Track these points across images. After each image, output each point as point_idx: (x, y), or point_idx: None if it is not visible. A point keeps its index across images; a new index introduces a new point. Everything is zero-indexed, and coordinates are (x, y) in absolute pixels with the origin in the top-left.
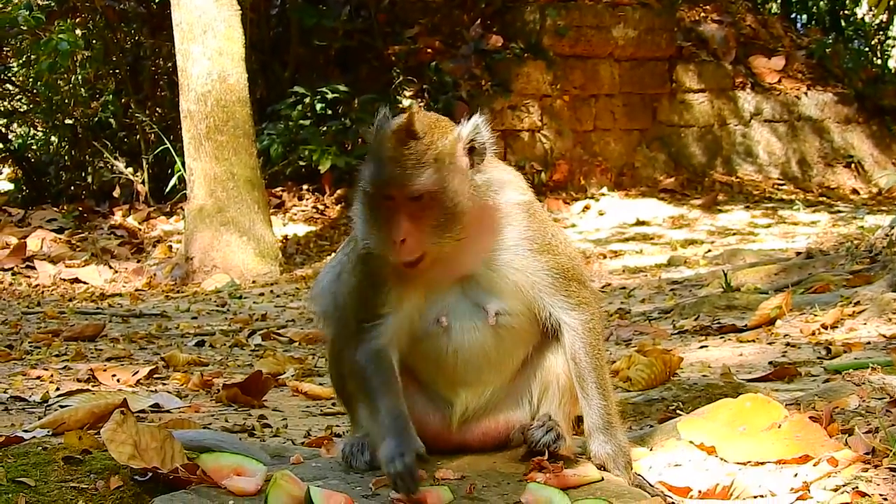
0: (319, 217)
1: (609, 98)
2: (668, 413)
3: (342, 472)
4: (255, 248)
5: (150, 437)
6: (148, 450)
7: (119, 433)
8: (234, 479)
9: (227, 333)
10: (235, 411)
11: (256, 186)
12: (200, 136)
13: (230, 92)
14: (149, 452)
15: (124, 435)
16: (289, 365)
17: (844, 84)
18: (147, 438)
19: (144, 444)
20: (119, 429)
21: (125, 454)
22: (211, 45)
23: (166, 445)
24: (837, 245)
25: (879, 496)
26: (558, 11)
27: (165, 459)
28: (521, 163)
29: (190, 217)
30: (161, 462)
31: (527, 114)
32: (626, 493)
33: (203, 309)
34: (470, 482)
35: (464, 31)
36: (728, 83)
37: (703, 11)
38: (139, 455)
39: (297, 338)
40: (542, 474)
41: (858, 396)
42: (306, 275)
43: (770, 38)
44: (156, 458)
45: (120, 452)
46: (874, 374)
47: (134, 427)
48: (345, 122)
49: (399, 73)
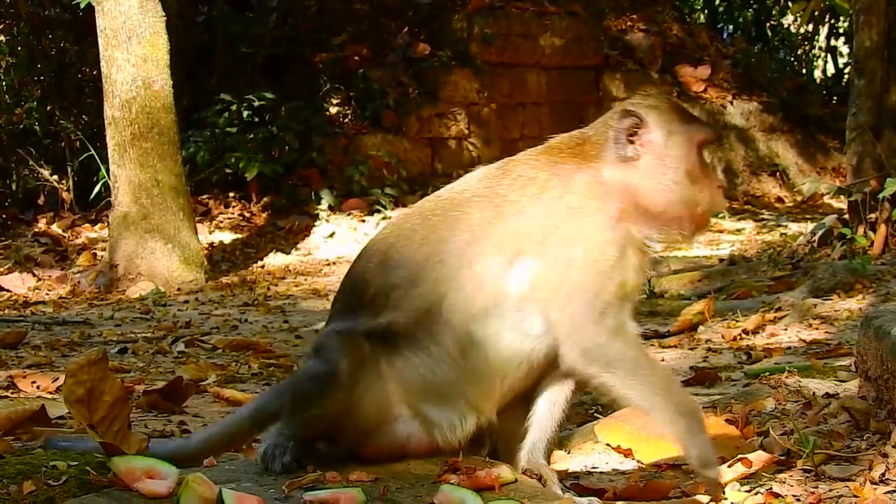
0: (246, 224)
1: (536, 106)
2: (587, 417)
3: (256, 474)
4: (181, 255)
5: (106, 391)
6: (96, 401)
7: (83, 373)
8: (146, 482)
9: (151, 340)
10: (155, 417)
11: (181, 193)
12: (125, 142)
13: (155, 98)
14: (95, 405)
15: (86, 377)
16: (211, 371)
17: (769, 93)
18: (103, 389)
19: (98, 393)
20: (85, 368)
21: (75, 394)
22: (135, 51)
23: (114, 409)
24: (760, 252)
25: (792, 497)
26: (486, 20)
27: (105, 420)
28: (447, 171)
29: (114, 224)
30: (96, 421)
31: (454, 122)
32: (539, 494)
33: (127, 316)
34: (384, 484)
35: (391, 39)
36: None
37: (630, 21)
38: (85, 402)
39: (220, 345)
40: (456, 475)
41: (775, 399)
42: (232, 282)
43: (696, 47)
44: (97, 415)
45: (71, 391)
46: (790, 377)
47: (99, 373)
48: (271, 129)
49: (326, 81)
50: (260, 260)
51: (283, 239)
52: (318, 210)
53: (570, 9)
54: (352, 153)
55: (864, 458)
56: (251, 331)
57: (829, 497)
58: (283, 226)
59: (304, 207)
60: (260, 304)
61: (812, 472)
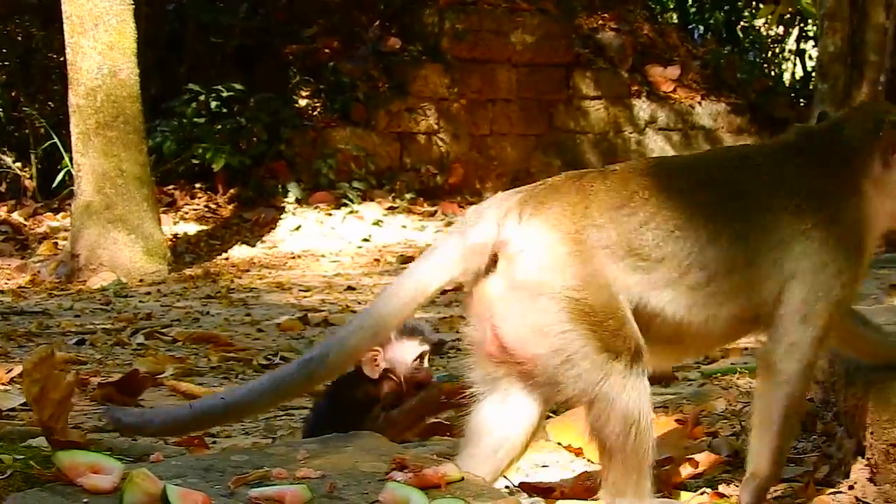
0: (211, 216)
1: (506, 103)
2: None
3: (202, 470)
4: (143, 246)
5: (55, 388)
6: (45, 398)
7: (38, 370)
8: (90, 477)
9: (110, 332)
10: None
11: (146, 184)
12: (89, 131)
13: (121, 87)
14: (44, 403)
15: (39, 375)
16: (169, 364)
17: (738, 95)
18: (52, 386)
19: (47, 390)
20: (39, 365)
21: (32, 393)
22: (102, 39)
23: (61, 406)
24: None
25: (738, 497)
26: (457, 15)
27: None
28: (417, 165)
29: (77, 214)
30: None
31: (424, 117)
32: (485, 493)
33: (87, 307)
34: (330, 481)
35: (362, 33)
36: (624, 91)
37: (602, 19)
38: (41, 399)
39: (180, 337)
40: (403, 473)
41: (725, 400)
42: (195, 274)
43: (667, 47)
44: (46, 412)
45: (28, 390)
46: (742, 378)
47: (50, 369)
48: (240, 120)
49: (296, 73)
50: (224, 252)
51: (248, 231)
52: (285, 203)
53: (541, 6)
54: (320, 146)
55: (809, 460)
56: (213, 323)
57: (773, 497)
58: (249, 218)
59: (270, 200)
60: (223, 297)
61: None
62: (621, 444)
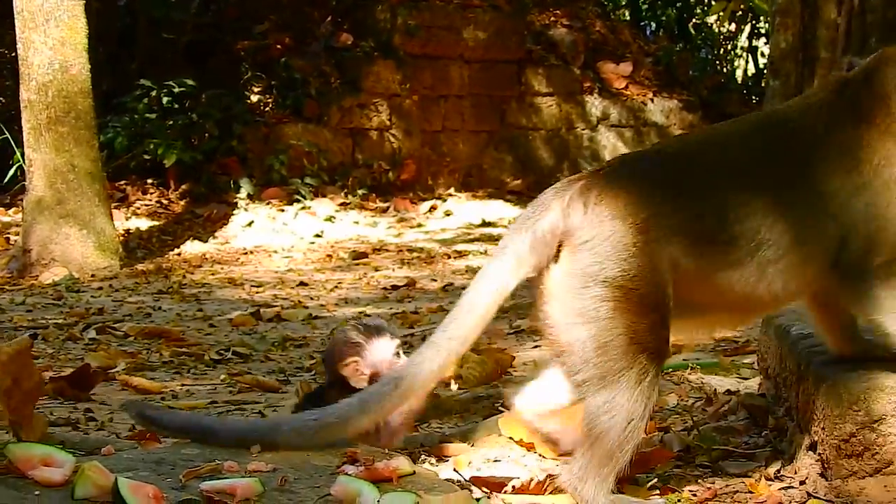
0: (163, 212)
1: (458, 99)
2: (493, 410)
3: (153, 463)
4: (95, 241)
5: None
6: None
7: (14, 361)
8: (42, 470)
9: (62, 327)
10: (61, 405)
11: (98, 179)
12: (41, 126)
13: (72, 83)
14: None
15: (14, 366)
16: (120, 359)
17: (690, 91)
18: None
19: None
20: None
21: (3, 384)
22: (53, 34)
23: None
24: None
25: (689, 492)
26: (409, 11)
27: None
28: (369, 162)
29: (28, 209)
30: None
31: (376, 113)
32: (437, 487)
33: (39, 302)
34: (282, 474)
35: (314, 28)
36: (576, 87)
37: (554, 16)
38: (12, 390)
39: (132, 332)
40: (354, 467)
41: (677, 395)
42: (147, 269)
43: (619, 44)
44: (13, 402)
45: (0, 381)
46: (693, 374)
47: (26, 360)
48: (191, 116)
49: (248, 69)
50: (176, 247)
51: (200, 227)
52: (237, 199)
53: (493, 2)
54: (272, 142)
55: (761, 455)
56: (164, 318)
57: (724, 492)
58: (200, 214)
59: (222, 196)
60: (175, 292)
61: (709, 467)
62: (613, 435)
